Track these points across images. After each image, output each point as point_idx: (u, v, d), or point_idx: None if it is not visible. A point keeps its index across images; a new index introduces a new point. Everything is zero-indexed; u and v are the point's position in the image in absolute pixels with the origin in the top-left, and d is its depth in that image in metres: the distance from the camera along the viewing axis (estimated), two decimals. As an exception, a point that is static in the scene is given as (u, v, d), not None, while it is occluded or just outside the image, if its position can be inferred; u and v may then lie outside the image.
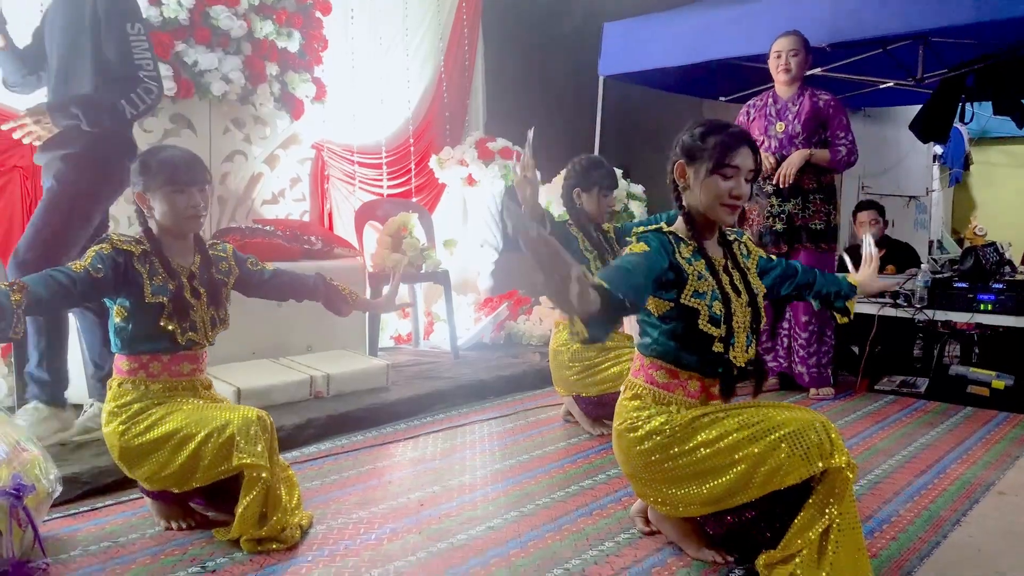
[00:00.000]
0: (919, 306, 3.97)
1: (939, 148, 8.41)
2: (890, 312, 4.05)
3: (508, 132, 5.37)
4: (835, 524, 1.78)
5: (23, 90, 2.98)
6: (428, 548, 2.10)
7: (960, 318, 3.93)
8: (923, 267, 4.18)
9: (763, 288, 2.08)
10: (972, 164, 9.54)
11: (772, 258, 2.20)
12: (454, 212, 5.51)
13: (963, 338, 4.18)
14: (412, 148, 5.28)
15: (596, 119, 5.38)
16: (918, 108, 4.91)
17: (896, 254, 4.87)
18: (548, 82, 6.22)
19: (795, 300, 2.50)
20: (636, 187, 5.14)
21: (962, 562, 2.05)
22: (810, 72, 4.05)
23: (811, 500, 1.81)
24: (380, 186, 5.14)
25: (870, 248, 2.38)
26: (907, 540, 2.16)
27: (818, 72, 4.66)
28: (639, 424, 1.98)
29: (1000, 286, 3.84)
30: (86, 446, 2.68)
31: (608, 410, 3.12)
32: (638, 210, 5.07)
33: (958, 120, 4.86)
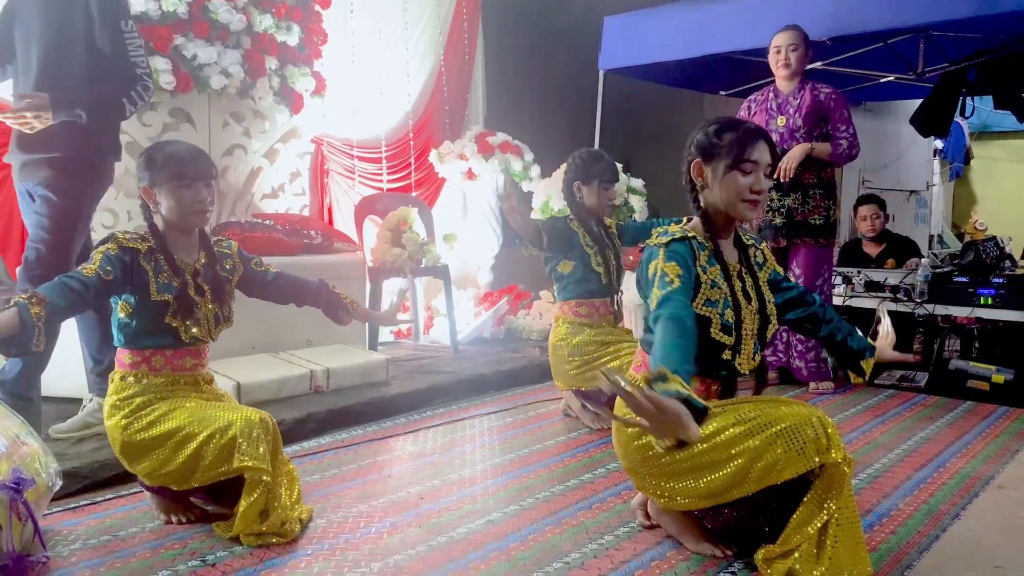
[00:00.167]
0: (919, 300, 3.97)
1: (940, 142, 8.40)
2: (890, 306, 4.05)
3: (508, 126, 5.37)
4: (834, 519, 1.79)
5: None
6: (428, 542, 2.10)
7: (960, 312, 3.93)
8: (923, 261, 4.18)
9: (771, 296, 2.05)
10: (973, 158, 9.53)
11: (791, 280, 2.13)
12: (454, 206, 5.51)
13: (963, 332, 4.18)
14: (412, 142, 5.27)
15: (596, 113, 5.38)
16: (919, 102, 4.91)
17: (897, 248, 4.87)
18: (548, 76, 6.21)
19: (801, 330, 2.24)
20: (636, 181, 5.12)
21: (961, 556, 2.05)
22: (811, 66, 4.04)
23: (809, 495, 1.82)
24: (380, 180, 5.13)
25: (887, 325, 2.25)
26: (906, 534, 2.17)
27: (819, 66, 4.65)
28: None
29: (1000, 280, 3.84)
30: (86, 440, 2.68)
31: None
32: (638, 204, 5.05)
33: (959, 114, 4.85)
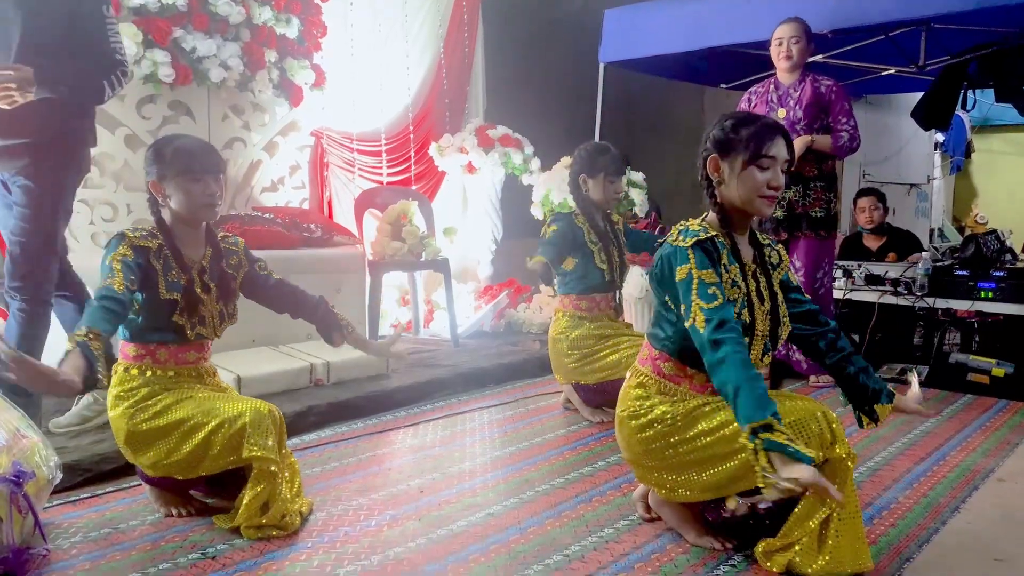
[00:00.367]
0: (919, 294, 3.97)
1: (941, 136, 8.39)
2: (890, 300, 4.05)
3: (508, 119, 5.35)
4: (835, 513, 1.79)
5: None
6: (428, 535, 2.10)
7: (960, 306, 3.92)
8: (924, 255, 4.18)
9: (784, 299, 2.03)
10: (974, 152, 9.52)
11: (805, 295, 2.08)
12: (454, 200, 5.50)
13: (963, 326, 4.17)
14: (412, 135, 5.26)
15: (596, 106, 5.36)
16: (920, 95, 4.89)
17: (898, 242, 4.87)
18: (548, 69, 6.19)
19: (807, 349, 2.09)
20: (637, 175, 5.12)
21: (960, 548, 2.05)
22: (812, 59, 4.02)
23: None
24: (380, 174, 5.12)
25: (916, 387, 2.06)
26: (906, 527, 2.17)
27: (820, 59, 4.64)
28: (642, 412, 1.98)
29: (1001, 274, 3.83)
30: (86, 433, 2.68)
31: (607, 397, 3.14)
32: (639, 198, 5.05)
33: (960, 107, 4.84)
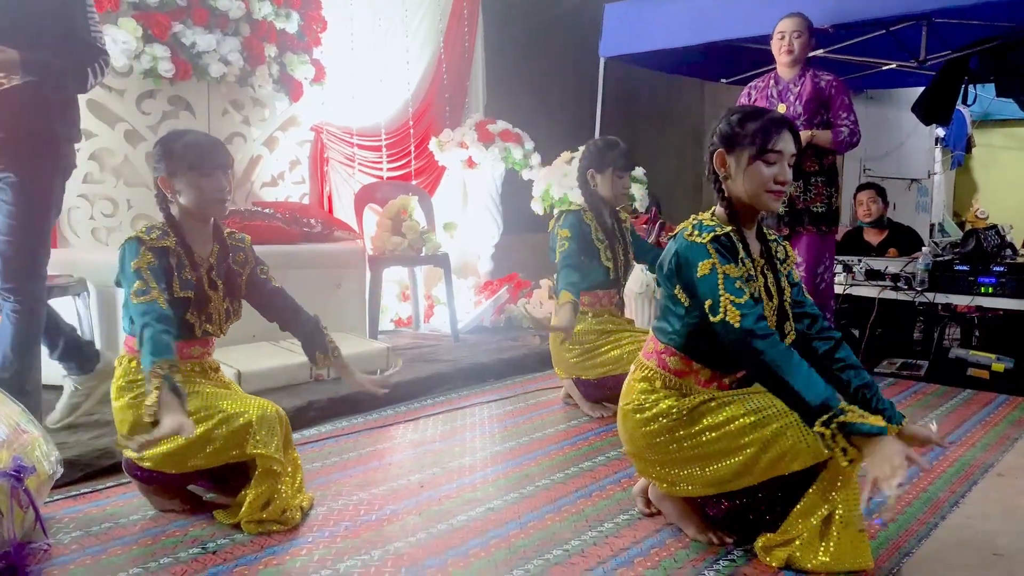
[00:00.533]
0: (920, 289, 3.97)
1: (941, 130, 8.39)
2: (891, 295, 4.05)
3: (508, 114, 5.34)
4: (838, 510, 1.79)
5: None
6: (428, 529, 2.11)
7: (961, 301, 3.93)
8: (924, 250, 4.18)
9: (789, 294, 2.01)
10: (974, 147, 9.51)
11: (807, 296, 2.07)
12: (454, 195, 5.50)
13: (963, 321, 4.18)
14: (412, 130, 5.26)
15: (597, 101, 5.36)
16: (921, 90, 4.89)
17: (898, 237, 4.86)
18: (548, 64, 6.18)
19: (805, 352, 1.96)
20: (637, 170, 5.11)
21: (960, 543, 2.05)
22: (812, 53, 4.02)
23: (815, 487, 1.82)
24: (380, 169, 5.12)
25: (935, 430, 1.90)
26: (905, 522, 2.17)
27: (821, 53, 4.63)
28: (646, 406, 1.98)
29: (1001, 269, 3.83)
30: (87, 428, 2.69)
31: (608, 392, 3.14)
32: (639, 193, 5.04)
33: (961, 102, 4.83)
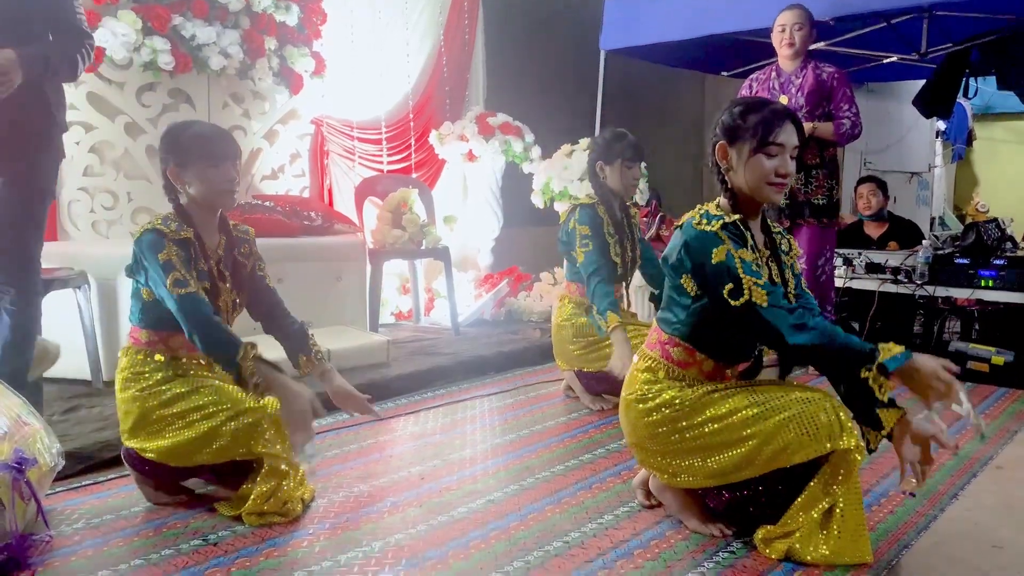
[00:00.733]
0: (920, 282, 3.97)
1: (942, 124, 8.36)
2: (891, 288, 4.04)
3: (509, 107, 5.33)
4: (839, 504, 1.80)
5: None
6: (429, 521, 2.11)
7: (961, 294, 3.92)
8: (924, 243, 4.17)
9: (793, 285, 2.01)
10: (975, 140, 9.49)
11: (807, 290, 2.06)
12: (454, 188, 5.49)
13: (963, 314, 4.18)
14: (412, 123, 5.25)
15: (597, 94, 5.35)
16: (922, 83, 4.88)
17: (899, 230, 4.86)
18: (549, 57, 6.16)
19: None
20: (638, 163, 5.11)
21: (959, 535, 2.06)
22: (813, 46, 4.01)
23: (816, 479, 1.82)
24: (380, 162, 5.12)
25: (968, 406, 1.82)
26: (904, 514, 2.17)
27: (822, 46, 4.62)
28: (649, 396, 1.97)
29: (1001, 262, 3.83)
30: (89, 421, 2.69)
31: (609, 386, 3.14)
32: (640, 185, 5.04)
33: (962, 95, 4.82)
